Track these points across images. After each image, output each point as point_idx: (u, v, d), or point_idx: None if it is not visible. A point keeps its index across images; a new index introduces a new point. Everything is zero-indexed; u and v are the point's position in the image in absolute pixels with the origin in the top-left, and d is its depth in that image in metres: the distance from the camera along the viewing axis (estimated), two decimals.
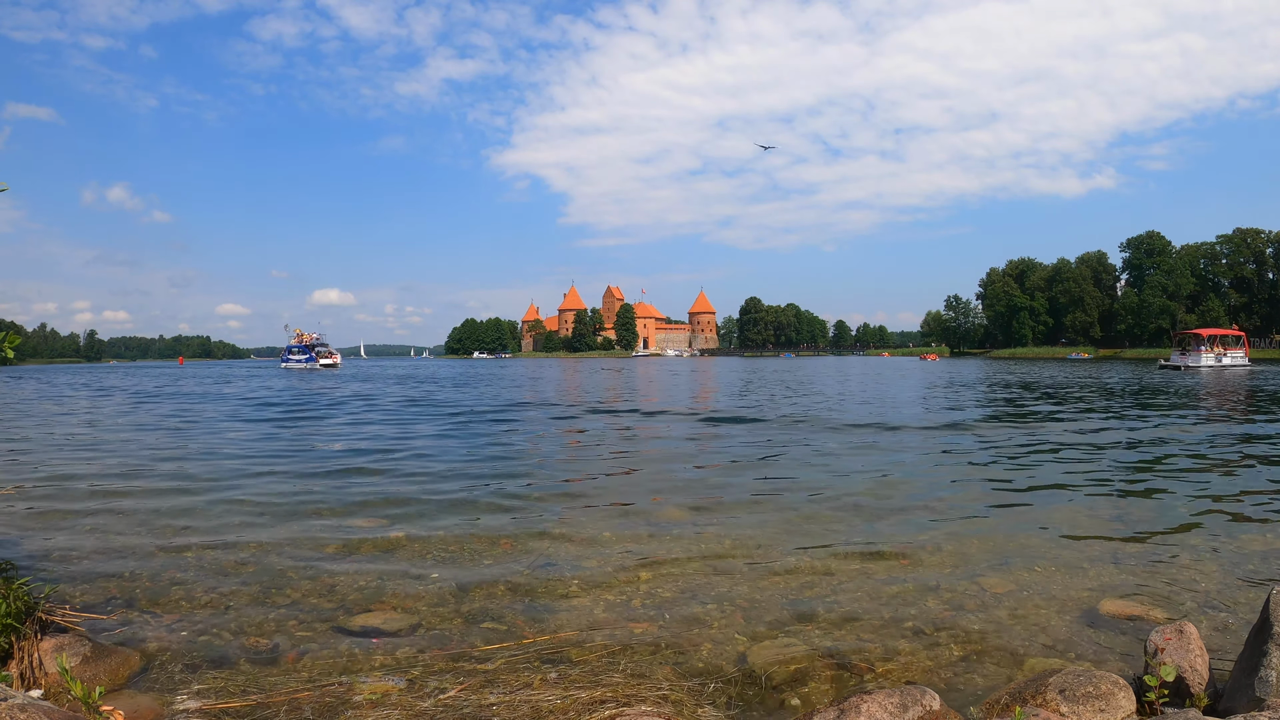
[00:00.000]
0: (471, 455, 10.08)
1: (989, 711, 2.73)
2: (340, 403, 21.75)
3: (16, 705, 2.14)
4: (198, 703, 2.90)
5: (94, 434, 13.38)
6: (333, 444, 11.52)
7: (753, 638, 3.58)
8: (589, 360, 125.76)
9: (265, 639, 3.56)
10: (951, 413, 16.26)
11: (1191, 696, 2.70)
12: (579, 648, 3.46)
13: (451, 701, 2.87)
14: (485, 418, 15.94)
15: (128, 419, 16.79)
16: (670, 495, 7.14)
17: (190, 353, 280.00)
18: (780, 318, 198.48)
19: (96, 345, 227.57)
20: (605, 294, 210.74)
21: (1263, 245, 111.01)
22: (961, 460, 9.32)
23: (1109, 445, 10.59)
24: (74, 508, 6.55)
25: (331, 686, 3.03)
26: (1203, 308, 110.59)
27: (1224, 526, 5.68)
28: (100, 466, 9.14)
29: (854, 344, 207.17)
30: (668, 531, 5.68)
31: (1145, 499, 6.80)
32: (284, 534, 5.60)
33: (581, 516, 6.24)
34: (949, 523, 5.90)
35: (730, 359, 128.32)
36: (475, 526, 5.86)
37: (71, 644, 3.18)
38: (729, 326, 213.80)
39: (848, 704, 2.55)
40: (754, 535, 5.53)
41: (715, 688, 3.05)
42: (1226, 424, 13.63)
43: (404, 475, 8.37)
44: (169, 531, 5.68)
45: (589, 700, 2.84)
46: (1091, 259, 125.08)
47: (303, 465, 9.22)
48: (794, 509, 6.41)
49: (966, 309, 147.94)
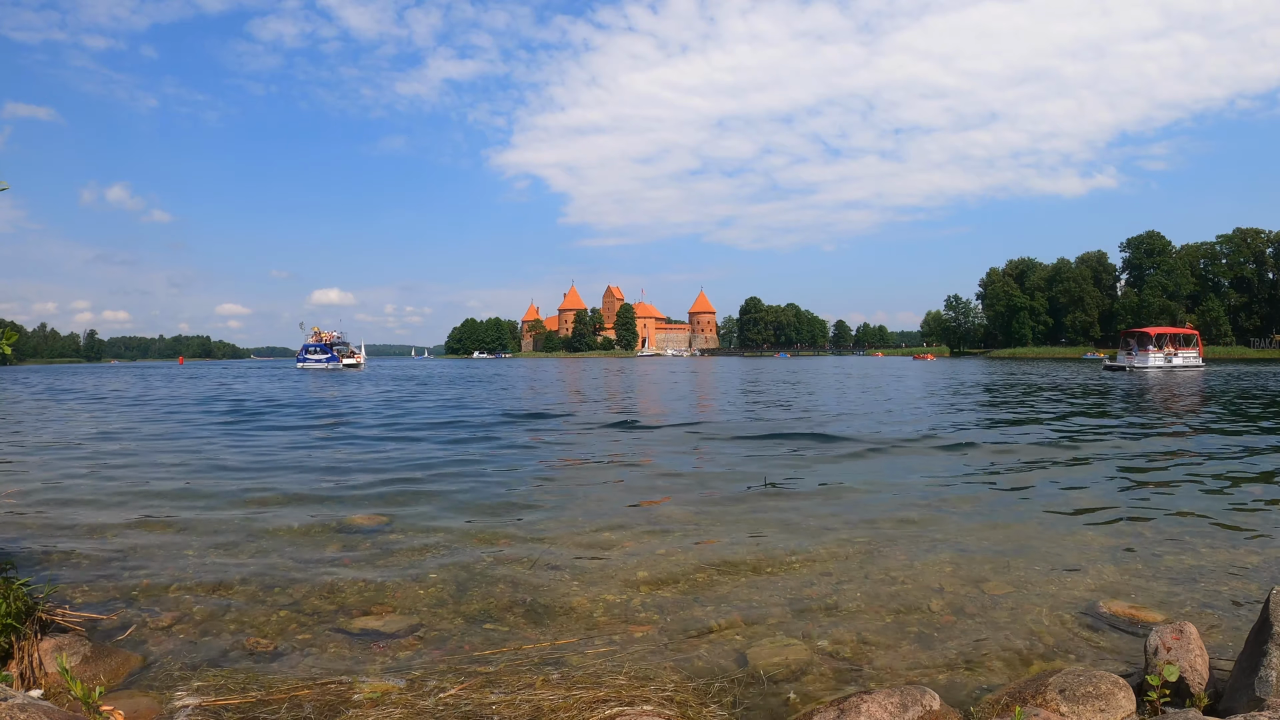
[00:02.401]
0: (472, 455, 10.08)
1: (989, 711, 2.73)
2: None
3: (16, 705, 2.14)
4: (197, 700, 2.90)
5: (97, 437, 13.38)
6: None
7: (753, 638, 3.58)
8: (589, 360, 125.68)
9: (265, 639, 3.56)
10: (950, 423, 16.24)
11: (1192, 696, 2.70)
12: (579, 648, 3.46)
13: (452, 701, 2.87)
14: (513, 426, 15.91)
15: (150, 429, 16.78)
16: (670, 496, 7.13)
17: (190, 353, 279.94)
18: (780, 318, 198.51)
19: (96, 345, 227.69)
20: (605, 294, 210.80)
21: (1263, 245, 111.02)
22: (962, 461, 9.32)
23: (1102, 444, 10.59)
24: (74, 508, 6.55)
25: (332, 685, 3.03)
26: (1203, 308, 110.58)
27: (1224, 526, 5.68)
28: (100, 467, 9.14)
29: (854, 344, 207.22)
30: (668, 532, 5.68)
31: (1145, 499, 6.80)
32: (284, 534, 5.60)
33: (582, 517, 6.24)
34: (949, 524, 5.90)
35: (730, 359, 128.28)
36: (476, 526, 5.86)
37: (71, 644, 3.18)
38: (729, 326, 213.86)
39: (848, 704, 2.55)
40: (754, 536, 5.53)
41: (717, 688, 3.05)
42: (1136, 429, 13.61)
43: (404, 475, 8.37)
44: (169, 532, 5.68)
45: (591, 700, 2.84)
46: (1091, 259, 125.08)
47: (303, 465, 9.22)
48: (794, 510, 6.41)
49: (966, 309, 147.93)
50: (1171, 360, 48.41)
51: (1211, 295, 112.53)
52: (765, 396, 23.07)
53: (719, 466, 9.01)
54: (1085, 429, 12.84)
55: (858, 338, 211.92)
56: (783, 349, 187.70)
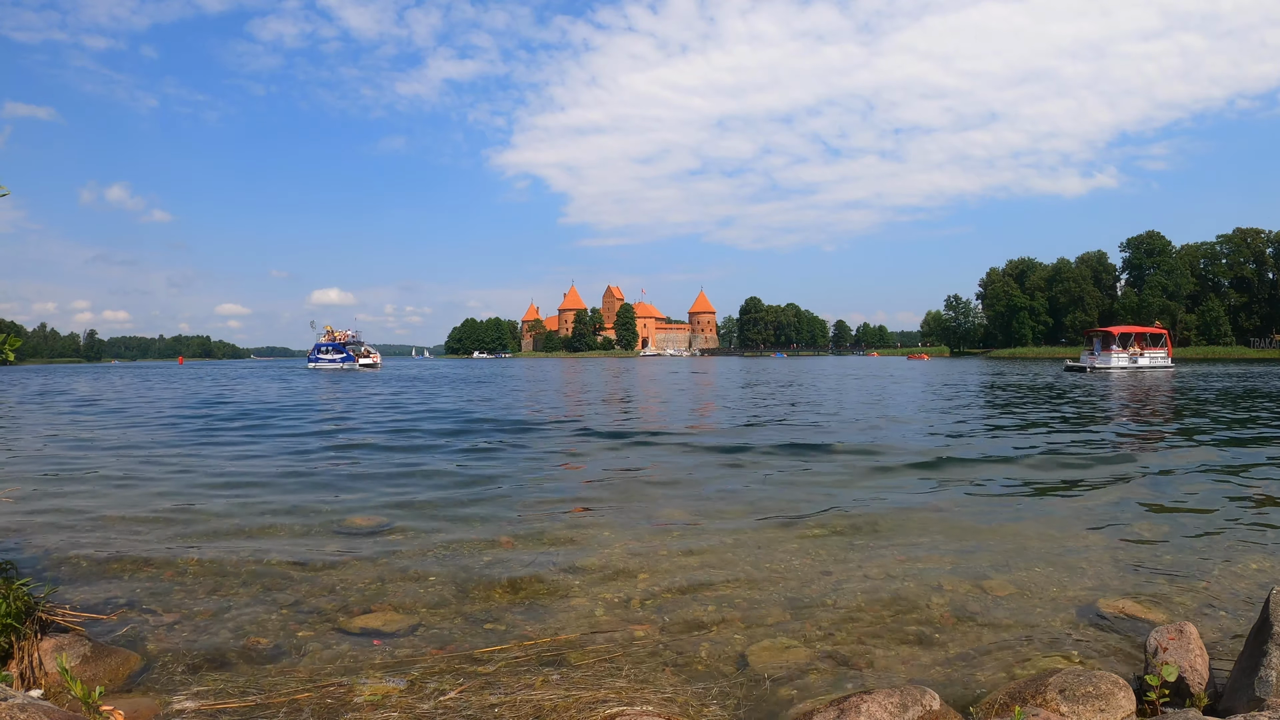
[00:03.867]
0: (470, 456, 10.08)
1: (989, 711, 2.73)
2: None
3: (16, 705, 2.14)
4: (197, 703, 2.90)
5: (103, 438, 13.37)
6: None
7: (753, 638, 3.58)
8: (590, 360, 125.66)
9: (265, 639, 3.56)
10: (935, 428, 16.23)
11: (1191, 696, 2.70)
12: (580, 649, 3.46)
13: (452, 703, 2.87)
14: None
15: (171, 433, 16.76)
16: (671, 496, 7.13)
17: (190, 352, 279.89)
18: (780, 318, 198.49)
19: (96, 345, 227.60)
20: (605, 294, 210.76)
21: (1263, 245, 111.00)
22: (961, 462, 9.31)
23: (1101, 445, 10.58)
24: (75, 509, 6.55)
25: (331, 687, 3.02)
26: (1203, 308, 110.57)
27: (1224, 526, 5.68)
28: (101, 468, 9.14)
29: (854, 344, 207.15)
30: (668, 532, 5.69)
31: (1144, 499, 6.80)
32: (284, 534, 5.60)
33: (581, 518, 6.24)
34: (949, 524, 5.90)
35: (730, 359, 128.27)
36: (476, 527, 5.86)
37: (71, 644, 3.18)
38: (729, 326, 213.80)
39: (848, 704, 2.55)
40: (754, 536, 5.53)
41: (718, 689, 3.05)
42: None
43: (405, 475, 8.37)
44: (169, 531, 5.68)
45: (591, 700, 2.84)
46: (1091, 259, 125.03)
47: (303, 465, 9.22)
48: (794, 510, 6.41)
49: (966, 309, 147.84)
50: (1137, 360, 47.13)
51: (1211, 295, 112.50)
52: (770, 400, 23.06)
53: (719, 468, 9.01)
54: (1004, 429, 12.84)
55: (858, 337, 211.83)
56: (781, 349, 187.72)
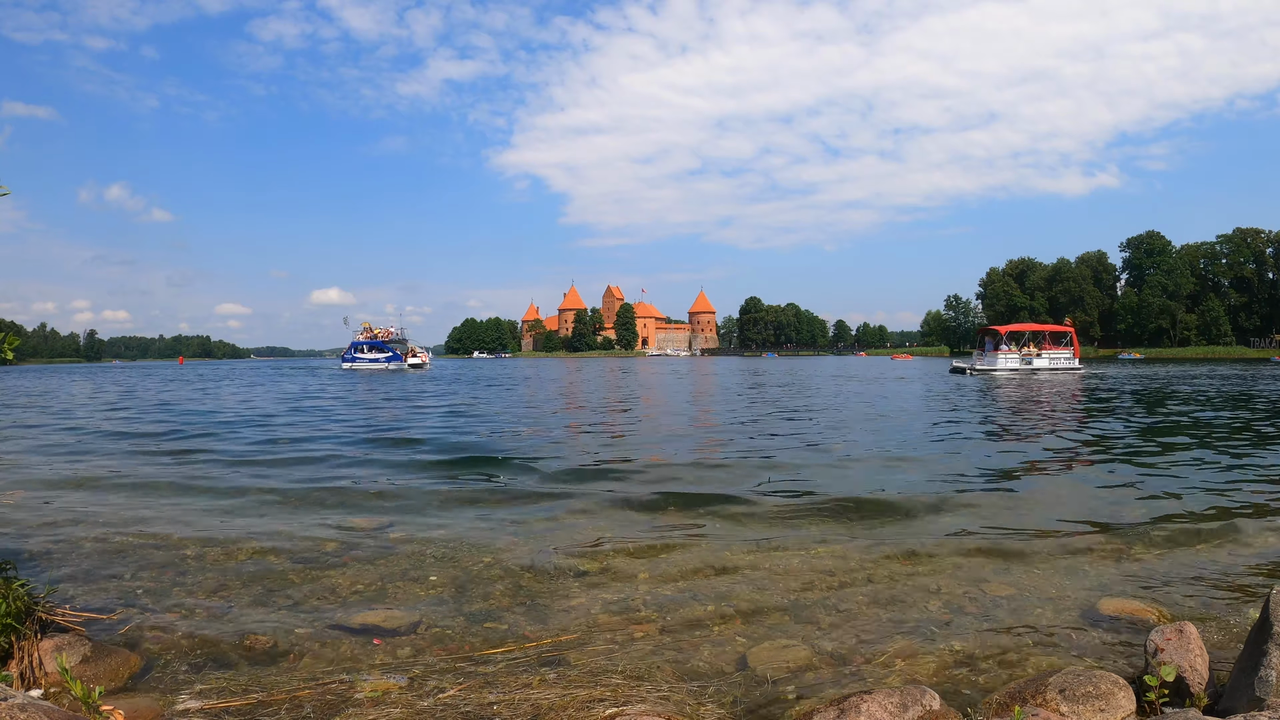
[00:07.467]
0: (471, 457, 10.08)
1: (989, 711, 2.73)
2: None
3: (16, 705, 2.14)
4: (198, 702, 2.90)
5: (102, 438, 13.38)
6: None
7: (752, 638, 3.58)
8: (590, 360, 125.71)
9: (266, 638, 3.56)
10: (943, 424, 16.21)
11: (1191, 696, 2.70)
12: (579, 648, 3.46)
13: (451, 700, 2.87)
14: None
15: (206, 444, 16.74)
16: (671, 498, 7.13)
17: (190, 352, 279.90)
18: (780, 317, 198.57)
19: (96, 345, 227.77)
20: (605, 294, 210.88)
21: (1263, 245, 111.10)
22: (960, 462, 9.32)
23: (1104, 441, 10.59)
24: (75, 509, 6.55)
25: (332, 685, 3.03)
26: (1203, 307, 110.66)
27: (1223, 526, 5.67)
28: (101, 468, 9.14)
29: (853, 344, 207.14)
30: (668, 532, 5.69)
31: (1144, 499, 6.80)
32: (284, 534, 5.59)
33: (581, 517, 6.24)
34: (949, 524, 5.90)
35: (730, 359, 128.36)
36: (476, 526, 5.86)
37: (71, 644, 3.18)
38: (729, 326, 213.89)
39: (848, 704, 2.55)
40: (754, 536, 5.53)
41: (715, 689, 3.05)
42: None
43: (404, 475, 8.37)
44: (170, 531, 5.68)
45: (588, 699, 2.84)
46: (1091, 259, 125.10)
47: (303, 465, 9.22)
48: (794, 510, 6.41)
49: (966, 309, 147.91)
50: (1031, 361, 42.79)
51: (1211, 295, 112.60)
52: (764, 396, 23.07)
53: (719, 468, 9.01)
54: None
55: (858, 337, 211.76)
56: (774, 349, 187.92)
